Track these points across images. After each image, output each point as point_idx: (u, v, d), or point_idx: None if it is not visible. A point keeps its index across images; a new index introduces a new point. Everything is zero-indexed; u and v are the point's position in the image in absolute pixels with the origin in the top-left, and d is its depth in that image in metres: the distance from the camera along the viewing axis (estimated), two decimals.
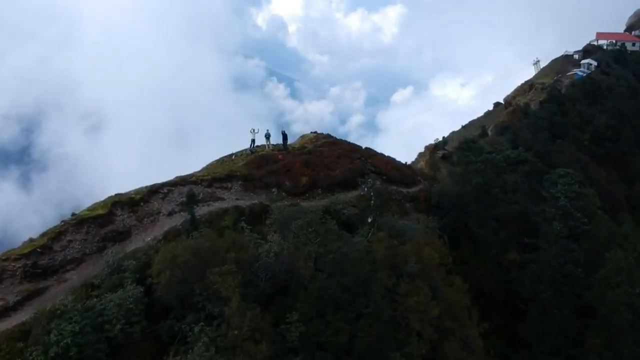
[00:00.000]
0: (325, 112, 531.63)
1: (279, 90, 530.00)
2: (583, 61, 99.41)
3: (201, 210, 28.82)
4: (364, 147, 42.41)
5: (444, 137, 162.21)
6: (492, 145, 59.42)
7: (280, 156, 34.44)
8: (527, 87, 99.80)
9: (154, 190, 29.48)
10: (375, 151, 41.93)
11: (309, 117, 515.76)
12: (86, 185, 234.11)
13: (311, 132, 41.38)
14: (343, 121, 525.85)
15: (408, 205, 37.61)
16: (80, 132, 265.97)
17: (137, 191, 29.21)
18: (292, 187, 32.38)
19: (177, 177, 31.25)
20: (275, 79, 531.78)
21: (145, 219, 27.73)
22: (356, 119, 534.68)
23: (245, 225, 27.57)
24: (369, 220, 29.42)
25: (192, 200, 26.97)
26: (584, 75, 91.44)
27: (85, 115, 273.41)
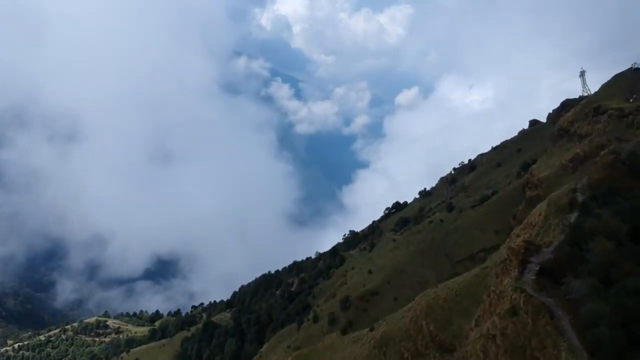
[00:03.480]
0: (330, 112, 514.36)
1: (284, 91, 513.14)
2: None
3: None
4: None
5: (470, 160, 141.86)
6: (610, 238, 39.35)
7: None
8: (591, 110, 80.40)
9: None
10: None
11: (313, 117, 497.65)
12: (56, 205, 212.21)
13: None
14: (348, 122, 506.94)
15: None
16: (49, 144, 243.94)
17: None
18: None
19: None
20: (279, 79, 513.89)
21: None
22: (361, 120, 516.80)
23: None
24: None
25: None
26: None
27: (54, 125, 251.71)
